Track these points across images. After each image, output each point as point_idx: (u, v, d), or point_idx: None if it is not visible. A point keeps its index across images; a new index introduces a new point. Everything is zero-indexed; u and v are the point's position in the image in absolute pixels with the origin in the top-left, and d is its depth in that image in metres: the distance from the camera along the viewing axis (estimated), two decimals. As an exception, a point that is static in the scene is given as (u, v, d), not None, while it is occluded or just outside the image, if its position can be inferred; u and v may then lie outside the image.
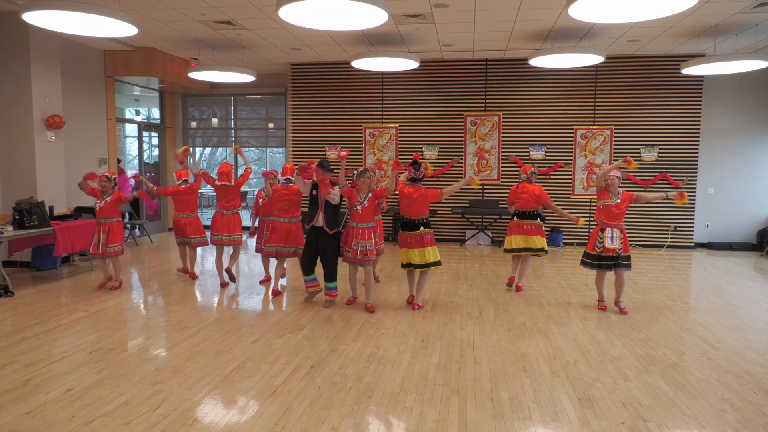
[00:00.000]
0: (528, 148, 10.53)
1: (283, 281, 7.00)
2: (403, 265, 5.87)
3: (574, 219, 6.24)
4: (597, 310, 5.95)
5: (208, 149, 16.19)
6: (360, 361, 4.33)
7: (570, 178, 10.43)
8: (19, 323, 5.27)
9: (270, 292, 6.52)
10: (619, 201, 5.71)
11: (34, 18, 5.58)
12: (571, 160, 10.40)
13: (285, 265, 6.68)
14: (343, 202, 5.87)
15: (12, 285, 6.50)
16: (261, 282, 7.04)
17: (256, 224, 7.22)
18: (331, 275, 5.85)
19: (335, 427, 3.27)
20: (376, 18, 5.65)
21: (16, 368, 4.13)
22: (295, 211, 6.32)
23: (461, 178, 10.71)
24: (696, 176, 10.18)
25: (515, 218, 6.59)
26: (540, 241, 6.50)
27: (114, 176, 6.72)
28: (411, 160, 5.88)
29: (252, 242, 9.40)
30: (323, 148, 11.12)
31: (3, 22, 7.58)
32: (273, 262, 7.14)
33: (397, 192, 5.88)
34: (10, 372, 4.06)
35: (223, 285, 6.80)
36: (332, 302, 5.98)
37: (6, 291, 6.30)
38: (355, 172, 6.06)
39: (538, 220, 6.55)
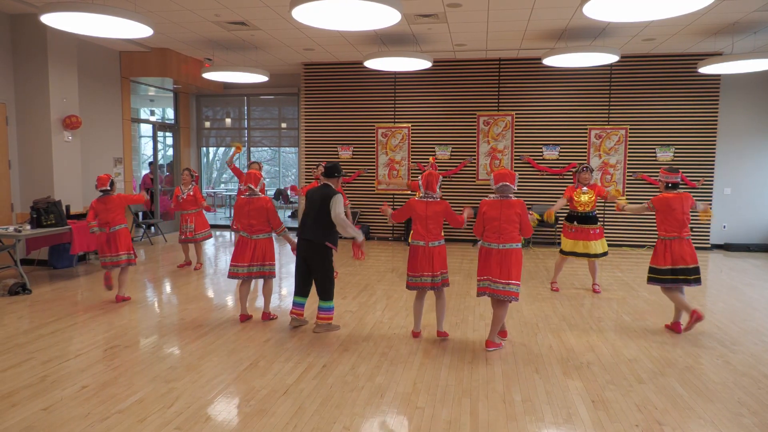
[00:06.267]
0: (541, 148, 10.45)
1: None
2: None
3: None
4: (611, 311, 5.89)
5: (221, 149, 16.30)
6: (372, 361, 4.33)
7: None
8: (36, 320, 5.35)
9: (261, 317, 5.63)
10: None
11: (51, 20, 5.66)
12: (585, 160, 10.31)
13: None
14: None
15: (29, 283, 6.60)
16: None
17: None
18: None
19: (347, 427, 3.27)
20: (388, 18, 5.64)
21: (33, 365, 4.19)
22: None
23: (473, 178, 10.68)
24: (713, 177, 10.04)
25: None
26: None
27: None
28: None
29: None
30: (336, 148, 11.14)
31: (21, 24, 7.70)
32: None
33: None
34: (27, 368, 4.12)
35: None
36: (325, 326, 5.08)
37: (24, 289, 6.40)
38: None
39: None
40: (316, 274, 4.98)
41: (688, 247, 5.00)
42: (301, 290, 5.11)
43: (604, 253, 6.55)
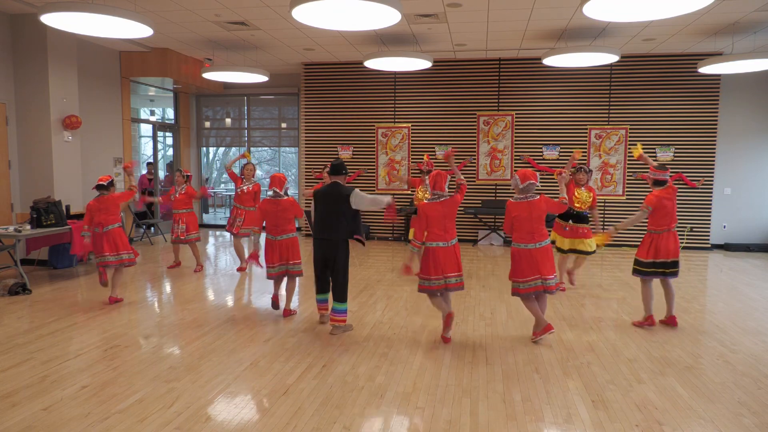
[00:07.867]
0: (541, 148, 10.46)
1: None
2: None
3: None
4: (611, 311, 5.89)
5: (221, 149, 16.29)
6: (372, 361, 4.33)
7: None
8: (37, 321, 5.35)
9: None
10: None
11: (51, 20, 5.66)
12: (585, 160, 10.31)
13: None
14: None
15: (29, 283, 6.60)
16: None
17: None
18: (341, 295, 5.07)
19: (347, 427, 3.27)
20: (388, 18, 5.64)
21: (33, 365, 4.19)
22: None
23: (474, 177, 10.68)
24: (713, 176, 10.04)
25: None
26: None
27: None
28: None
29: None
30: (336, 148, 11.14)
31: (21, 24, 7.71)
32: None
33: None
34: (27, 368, 4.12)
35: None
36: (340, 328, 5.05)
37: (24, 289, 6.40)
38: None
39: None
40: (336, 273, 4.99)
41: (674, 240, 5.17)
42: (323, 287, 5.18)
43: (594, 251, 6.54)
